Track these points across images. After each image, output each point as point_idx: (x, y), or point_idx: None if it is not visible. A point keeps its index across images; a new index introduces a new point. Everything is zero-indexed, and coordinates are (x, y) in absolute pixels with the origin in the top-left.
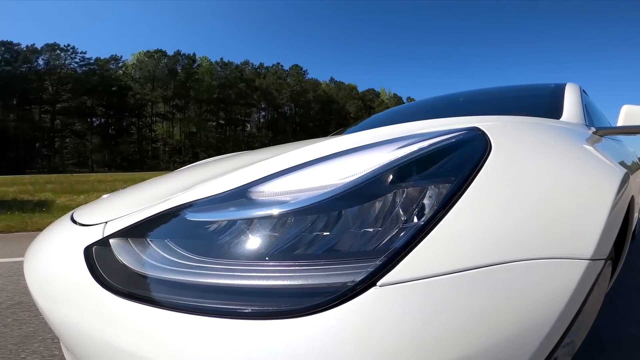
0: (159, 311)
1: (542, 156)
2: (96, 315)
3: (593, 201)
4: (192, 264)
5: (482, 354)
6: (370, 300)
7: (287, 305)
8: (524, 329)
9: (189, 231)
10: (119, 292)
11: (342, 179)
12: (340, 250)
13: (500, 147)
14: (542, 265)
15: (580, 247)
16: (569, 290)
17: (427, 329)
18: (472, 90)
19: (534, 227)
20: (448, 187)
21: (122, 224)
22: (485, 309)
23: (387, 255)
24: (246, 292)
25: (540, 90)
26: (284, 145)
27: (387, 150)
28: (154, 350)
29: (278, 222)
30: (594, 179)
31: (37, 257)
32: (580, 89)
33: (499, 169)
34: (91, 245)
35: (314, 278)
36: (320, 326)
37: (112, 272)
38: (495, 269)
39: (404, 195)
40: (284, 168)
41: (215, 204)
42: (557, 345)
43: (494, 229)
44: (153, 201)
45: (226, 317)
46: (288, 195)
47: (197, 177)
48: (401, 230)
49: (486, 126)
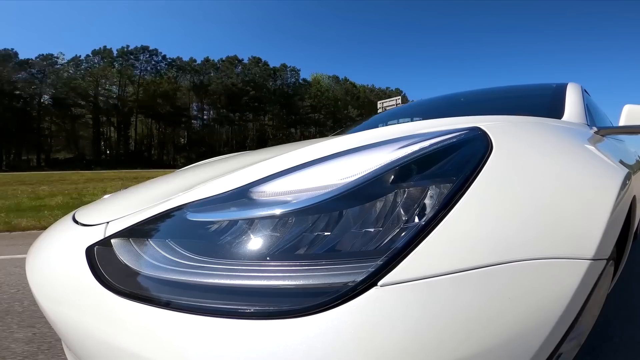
0: (161, 311)
1: (543, 156)
2: (98, 315)
3: (595, 201)
4: (194, 264)
5: (483, 354)
6: (371, 300)
7: (288, 305)
8: (525, 329)
9: (190, 231)
10: (121, 292)
11: (343, 179)
12: (341, 250)
13: (502, 147)
14: (543, 266)
15: (582, 247)
16: (571, 291)
17: (428, 329)
18: (473, 90)
19: (535, 227)
20: (449, 187)
21: (124, 224)
22: (487, 309)
23: (388, 255)
24: (247, 292)
25: (541, 90)
26: (285, 145)
27: (388, 150)
28: (156, 350)
29: (279, 222)
30: (596, 178)
31: (38, 257)
32: (581, 89)
33: (500, 169)
34: (93, 246)
35: (315, 278)
36: (321, 326)
37: (113, 272)
38: (497, 269)
39: (405, 195)
40: (285, 168)
41: (217, 204)
42: (559, 345)
43: (495, 229)
44: (154, 201)
45: (227, 317)
46: (289, 195)
47: (198, 177)
48: (402, 230)
49: (487, 126)
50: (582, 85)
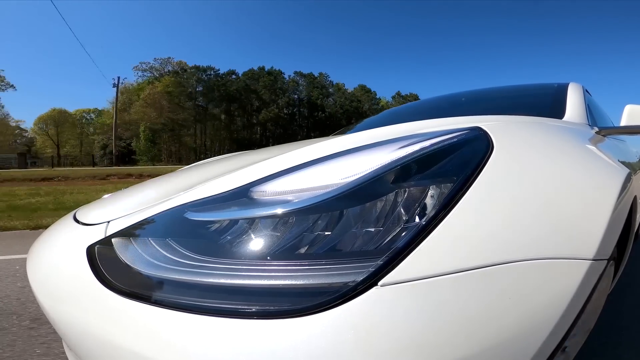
0: (161, 310)
1: (544, 156)
2: (98, 314)
3: (596, 201)
4: (194, 264)
5: (483, 354)
6: (371, 300)
7: (289, 305)
8: (525, 329)
9: (191, 231)
10: (122, 292)
11: (344, 179)
12: (341, 250)
13: (502, 146)
14: (544, 266)
15: (583, 247)
16: (571, 291)
17: (428, 329)
18: (474, 89)
19: (536, 227)
20: (450, 187)
21: (125, 223)
22: (487, 309)
23: (389, 255)
24: (248, 291)
25: (542, 89)
26: (285, 145)
27: (389, 149)
28: (156, 349)
29: (279, 221)
30: (597, 179)
31: (39, 256)
32: (583, 89)
33: (501, 169)
34: (94, 245)
35: (315, 278)
36: (321, 326)
37: (114, 272)
38: (497, 269)
39: (405, 195)
40: (285, 168)
41: (217, 203)
42: (559, 345)
43: (496, 229)
44: (155, 201)
45: (228, 317)
46: (290, 195)
47: (199, 176)
48: (403, 230)
49: (488, 126)
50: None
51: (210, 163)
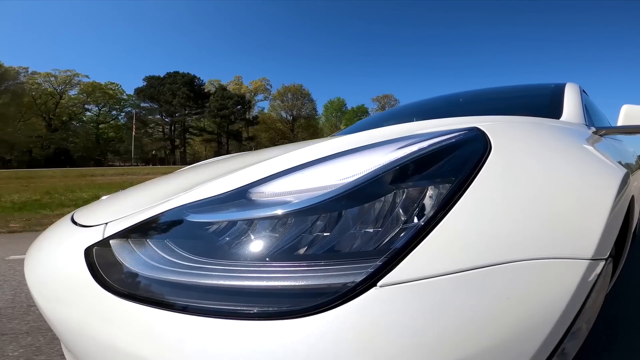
0: (159, 312)
1: (542, 156)
2: (97, 315)
3: (593, 201)
4: (193, 265)
5: (482, 355)
6: (370, 300)
7: (288, 306)
8: (524, 329)
9: (190, 232)
10: (120, 293)
11: (343, 180)
12: (340, 250)
13: (500, 147)
14: (542, 266)
15: (581, 247)
16: (570, 290)
17: (427, 329)
18: (471, 90)
19: (534, 227)
20: (448, 187)
21: (123, 225)
22: (486, 309)
23: (388, 256)
24: (247, 292)
25: (539, 90)
26: (284, 145)
27: (387, 150)
28: (154, 350)
29: (278, 222)
30: (594, 178)
31: (37, 257)
32: (580, 89)
33: (499, 169)
34: (92, 246)
35: (314, 279)
36: (320, 326)
37: (112, 273)
38: (496, 269)
39: (404, 195)
40: (284, 169)
41: (216, 204)
42: (558, 345)
43: (494, 229)
44: (153, 202)
45: (226, 318)
46: (288, 196)
47: (197, 178)
48: (401, 231)
49: (486, 126)
50: (580, 85)
51: (209, 164)
